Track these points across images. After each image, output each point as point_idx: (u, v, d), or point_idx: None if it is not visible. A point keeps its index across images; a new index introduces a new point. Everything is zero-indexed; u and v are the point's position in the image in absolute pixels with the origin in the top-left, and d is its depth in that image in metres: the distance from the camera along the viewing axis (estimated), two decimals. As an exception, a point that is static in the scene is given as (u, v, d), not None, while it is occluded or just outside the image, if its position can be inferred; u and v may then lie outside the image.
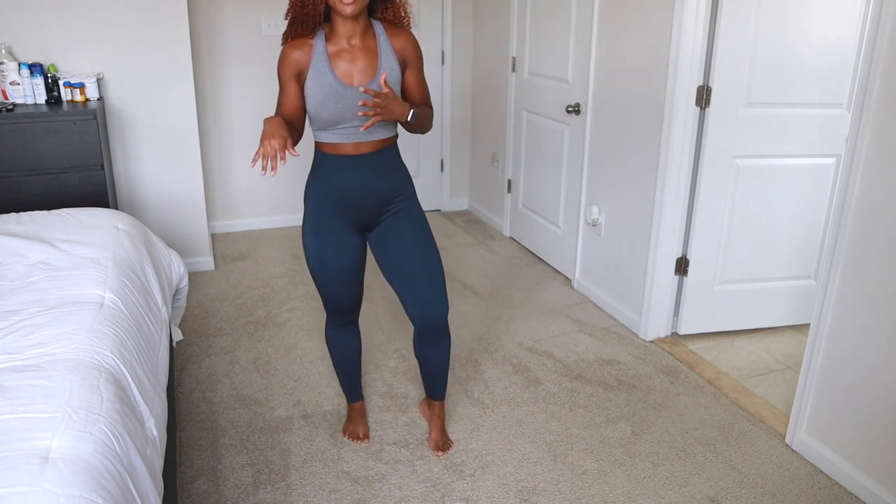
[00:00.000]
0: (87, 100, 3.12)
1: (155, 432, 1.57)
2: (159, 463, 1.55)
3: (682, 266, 2.98)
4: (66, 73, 3.19)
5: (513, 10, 3.92)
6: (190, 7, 3.67)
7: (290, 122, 1.89)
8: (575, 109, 3.38)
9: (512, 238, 4.32)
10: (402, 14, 1.97)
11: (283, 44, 1.94)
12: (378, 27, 1.94)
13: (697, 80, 2.70)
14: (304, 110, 1.95)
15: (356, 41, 1.89)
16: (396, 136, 2.05)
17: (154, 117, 3.42)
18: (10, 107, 2.91)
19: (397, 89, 1.94)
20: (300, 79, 1.91)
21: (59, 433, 1.26)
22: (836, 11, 2.66)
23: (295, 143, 1.85)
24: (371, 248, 2.12)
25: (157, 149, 3.47)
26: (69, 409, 1.33)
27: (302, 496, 2.09)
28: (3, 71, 2.99)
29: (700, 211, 2.86)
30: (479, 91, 4.52)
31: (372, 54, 1.91)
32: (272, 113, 4.19)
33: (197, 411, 2.50)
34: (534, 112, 3.83)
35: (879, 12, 1.90)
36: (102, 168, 2.96)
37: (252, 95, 4.17)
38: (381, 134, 1.98)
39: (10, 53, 3.06)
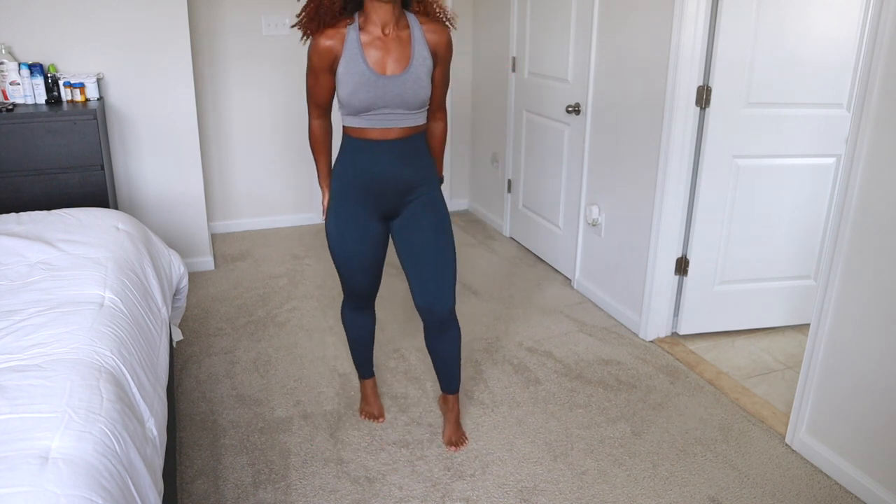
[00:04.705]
0: (87, 100, 3.12)
1: (155, 432, 1.57)
2: (159, 463, 1.55)
3: (682, 266, 2.98)
4: (66, 73, 3.19)
5: (513, 10, 3.92)
6: (190, 7, 3.67)
7: (325, 109, 2.06)
8: (575, 109, 3.38)
9: (512, 238, 4.32)
10: (436, 9, 1.99)
11: (299, 28, 1.93)
12: (412, 19, 1.95)
13: (697, 80, 2.70)
14: (333, 97, 2.02)
15: (390, 31, 1.90)
16: (425, 124, 2.06)
17: (154, 117, 3.42)
18: (10, 107, 2.91)
19: (428, 80, 1.96)
20: (332, 67, 1.92)
21: (59, 433, 1.26)
22: (836, 11, 2.66)
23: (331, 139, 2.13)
24: (392, 236, 2.17)
25: (157, 149, 3.47)
26: (69, 409, 1.33)
27: (302, 496, 2.09)
28: (3, 71, 2.99)
29: (700, 211, 2.86)
30: (479, 91, 4.52)
31: (405, 45, 1.92)
32: (277, 111, 4.23)
33: (197, 411, 2.50)
34: (534, 112, 3.83)
35: (879, 12, 1.90)
36: (102, 168, 2.96)
37: (252, 95, 4.17)
38: (410, 121, 1.99)
39: (10, 53, 3.06)
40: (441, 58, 2.00)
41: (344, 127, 2.02)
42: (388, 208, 2.09)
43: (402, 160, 2.02)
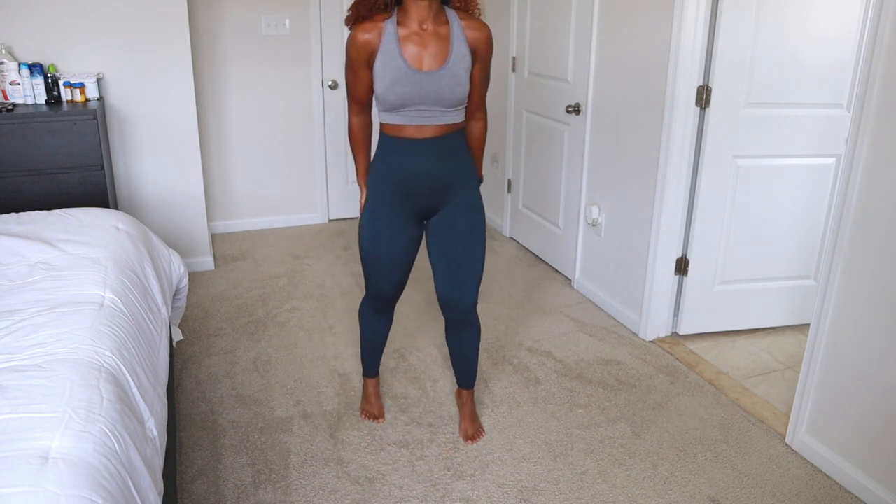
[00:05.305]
0: (87, 100, 3.12)
1: (155, 432, 1.57)
2: (159, 463, 1.55)
3: (682, 266, 2.98)
4: (66, 73, 3.19)
5: (513, 10, 3.92)
6: (190, 7, 3.67)
7: (365, 105, 2.04)
8: (575, 109, 3.38)
9: (512, 238, 4.32)
10: (472, 4, 1.98)
11: (347, 25, 1.94)
12: (452, 15, 1.93)
13: (697, 80, 2.70)
14: (372, 92, 1.99)
15: (428, 26, 1.89)
16: (462, 122, 2.03)
17: (154, 117, 3.42)
18: (10, 107, 2.91)
19: (466, 77, 1.94)
20: (370, 61, 1.91)
21: (59, 433, 1.26)
22: (836, 11, 2.66)
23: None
24: (426, 232, 2.16)
25: (157, 149, 3.47)
26: (69, 409, 1.33)
27: (302, 496, 2.09)
28: (3, 71, 2.99)
29: (700, 211, 2.86)
30: (479, 91, 4.52)
31: (444, 40, 1.90)
32: (277, 111, 4.23)
33: (197, 411, 2.50)
34: (534, 112, 3.83)
35: (879, 12, 1.90)
36: (102, 168, 2.96)
37: (252, 95, 4.17)
38: (447, 119, 1.97)
39: (10, 53, 3.06)
40: (481, 55, 1.98)
41: (381, 124, 2.02)
42: (425, 207, 2.08)
43: (439, 158, 2.00)
